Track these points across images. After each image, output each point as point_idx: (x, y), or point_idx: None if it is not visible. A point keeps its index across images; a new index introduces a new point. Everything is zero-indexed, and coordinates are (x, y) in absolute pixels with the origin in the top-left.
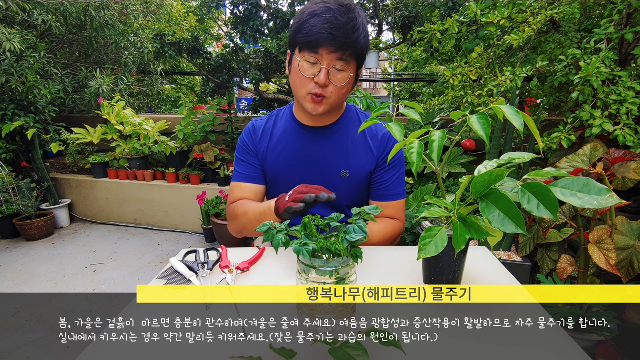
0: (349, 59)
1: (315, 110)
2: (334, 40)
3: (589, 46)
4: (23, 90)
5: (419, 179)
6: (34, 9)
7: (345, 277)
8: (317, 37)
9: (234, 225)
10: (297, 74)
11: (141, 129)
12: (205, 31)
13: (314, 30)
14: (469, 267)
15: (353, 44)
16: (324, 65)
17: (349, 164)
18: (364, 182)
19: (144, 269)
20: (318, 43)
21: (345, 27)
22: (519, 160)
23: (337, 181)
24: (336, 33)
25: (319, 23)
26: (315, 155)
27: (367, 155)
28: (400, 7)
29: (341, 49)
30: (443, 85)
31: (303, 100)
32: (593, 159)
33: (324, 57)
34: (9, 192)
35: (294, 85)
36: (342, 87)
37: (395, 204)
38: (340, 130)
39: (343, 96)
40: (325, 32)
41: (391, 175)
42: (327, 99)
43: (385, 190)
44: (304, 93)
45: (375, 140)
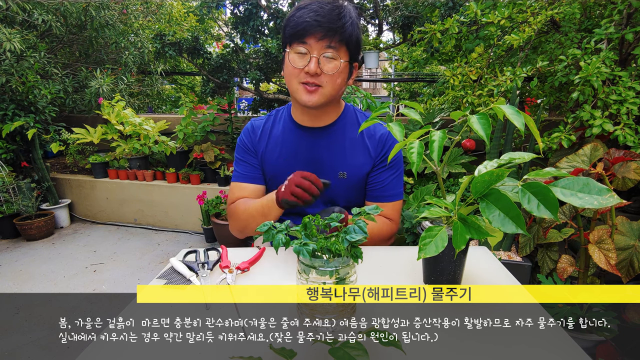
0: (339, 46)
1: (309, 100)
2: (320, 26)
3: (589, 46)
4: (23, 90)
5: (419, 179)
6: (34, 9)
7: (345, 277)
8: (303, 26)
9: (236, 224)
10: (288, 67)
11: (141, 129)
12: (205, 31)
13: (300, 20)
14: (469, 267)
15: (340, 29)
16: (313, 54)
17: (347, 164)
18: (361, 182)
19: (144, 269)
20: (305, 32)
21: (331, 14)
22: (519, 160)
23: (334, 182)
24: (321, 19)
25: (304, 14)
26: (313, 156)
27: (364, 155)
28: (400, 7)
29: (328, 35)
30: (443, 85)
31: (296, 93)
32: (593, 159)
33: (312, 46)
34: (9, 192)
35: (287, 80)
36: (335, 76)
37: (390, 205)
38: (338, 130)
39: (338, 87)
40: (310, 20)
41: (387, 176)
42: (322, 88)
43: (381, 191)
44: (295, 84)
45: (372, 140)
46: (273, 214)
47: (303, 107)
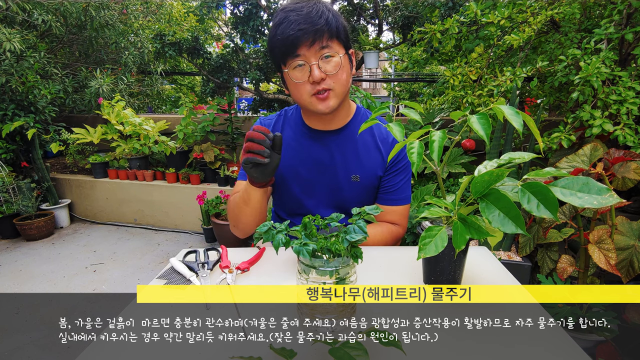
0: (331, 43)
1: (326, 106)
2: (306, 33)
3: (589, 46)
4: (23, 90)
5: (419, 179)
6: (34, 9)
7: (345, 277)
8: (291, 40)
9: (230, 220)
10: (292, 84)
11: (141, 129)
12: (205, 31)
13: (285, 36)
14: (469, 267)
15: (325, 26)
16: (312, 62)
17: (360, 168)
18: (373, 186)
19: (144, 269)
20: (294, 45)
21: (309, 16)
22: (519, 160)
23: (347, 185)
24: (305, 26)
25: (285, 29)
26: (326, 160)
27: (377, 159)
28: (400, 7)
29: (317, 38)
30: (443, 85)
31: (310, 106)
32: (593, 159)
33: (307, 55)
34: (9, 192)
35: (295, 97)
36: (339, 73)
37: (399, 209)
38: (351, 133)
39: (345, 82)
40: (294, 32)
41: (399, 180)
42: (333, 90)
43: (392, 195)
44: (307, 98)
45: (385, 144)
46: (253, 196)
47: (320, 114)
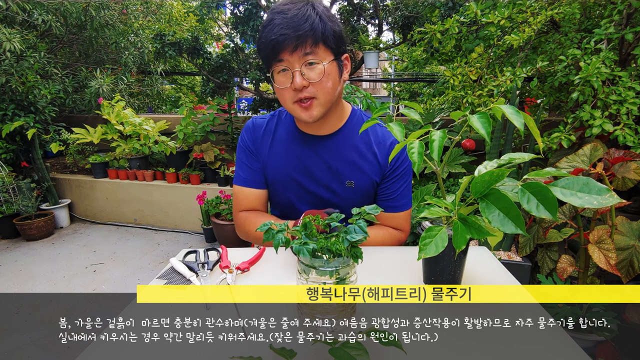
0: (315, 49)
1: (309, 116)
2: (288, 38)
3: (589, 46)
4: (23, 90)
5: (419, 179)
6: (34, 9)
7: (345, 277)
8: (273, 45)
9: (245, 236)
10: (277, 90)
11: (141, 129)
12: (205, 31)
13: (268, 40)
14: (469, 267)
15: (309, 32)
16: (294, 69)
17: (355, 173)
18: (369, 191)
19: (144, 269)
20: (276, 50)
21: (293, 20)
22: (519, 160)
23: (342, 190)
24: (287, 31)
25: (270, 31)
26: (318, 167)
27: (373, 164)
28: (400, 7)
29: (300, 44)
30: (443, 85)
31: (293, 113)
32: (593, 159)
33: (289, 60)
34: (9, 192)
35: (280, 101)
36: (323, 81)
37: (402, 215)
38: (345, 138)
39: (331, 91)
40: (276, 36)
41: (399, 186)
42: (316, 98)
43: (393, 201)
44: (290, 105)
45: (382, 149)
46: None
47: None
